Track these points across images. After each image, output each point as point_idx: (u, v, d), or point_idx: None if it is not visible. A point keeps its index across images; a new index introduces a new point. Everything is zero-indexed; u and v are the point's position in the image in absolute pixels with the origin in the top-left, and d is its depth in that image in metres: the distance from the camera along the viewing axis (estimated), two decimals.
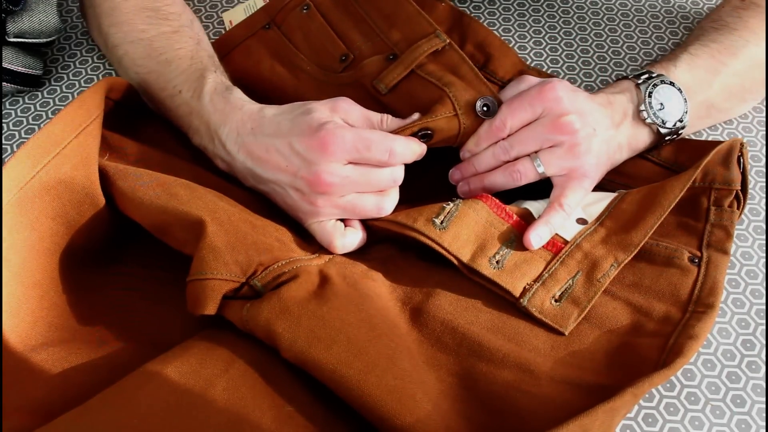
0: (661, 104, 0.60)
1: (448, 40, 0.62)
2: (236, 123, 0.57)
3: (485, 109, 0.59)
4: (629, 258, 0.55)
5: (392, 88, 0.62)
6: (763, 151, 0.67)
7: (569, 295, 0.53)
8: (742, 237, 0.61)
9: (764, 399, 0.52)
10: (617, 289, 0.55)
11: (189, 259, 0.51)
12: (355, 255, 0.57)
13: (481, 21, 0.78)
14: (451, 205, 0.56)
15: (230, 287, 0.50)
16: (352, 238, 0.57)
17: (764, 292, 0.58)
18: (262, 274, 0.51)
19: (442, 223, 0.54)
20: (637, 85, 0.61)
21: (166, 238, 0.53)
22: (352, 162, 0.54)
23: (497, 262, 0.54)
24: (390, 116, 0.57)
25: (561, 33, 0.77)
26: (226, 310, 0.50)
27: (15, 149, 0.68)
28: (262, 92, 0.63)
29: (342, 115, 0.55)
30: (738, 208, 0.59)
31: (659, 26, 0.78)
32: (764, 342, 0.55)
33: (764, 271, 0.59)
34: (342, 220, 0.57)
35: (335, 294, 0.51)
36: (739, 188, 0.59)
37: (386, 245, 0.58)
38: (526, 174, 0.58)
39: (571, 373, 0.50)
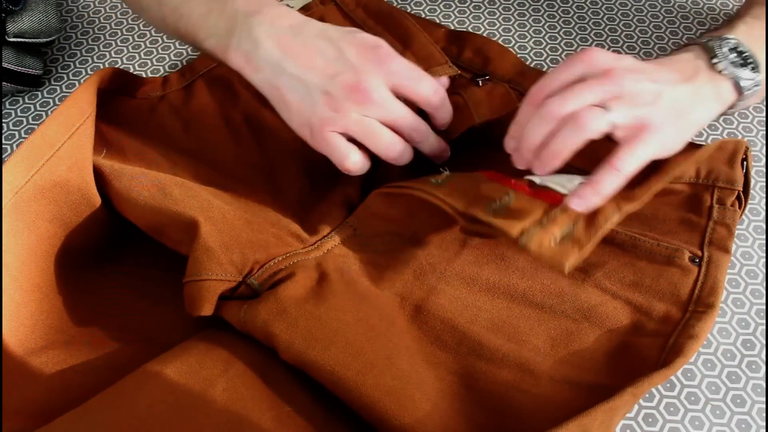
0: (737, 54, 0.55)
1: (459, 72, 0.65)
2: (272, 16, 0.54)
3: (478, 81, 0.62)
4: (633, 208, 0.52)
5: None
6: (763, 151, 0.67)
7: (569, 236, 0.50)
8: (742, 237, 0.61)
9: (764, 399, 0.52)
10: (617, 289, 0.55)
11: (186, 258, 0.51)
12: (354, 247, 0.57)
13: (481, 20, 0.78)
14: (448, 171, 0.56)
15: (226, 287, 0.49)
16: (363, 161, 0.54)
17: (764, 292, 0.58)
18: (259, 272, 0.51)
19: (438, 181, 0.54)
20: (703, 44, 0.56)
21: (162, 238, 0.53)
22: (394, 89, 0.53)
23: (494, 210, 0.52)
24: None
25: (561, 33, 0.77)
26: (224, 311, 0.50)
27: (15, 149, 0.68)
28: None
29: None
30: (739, 209, 0.59)
31: (659, 26, 0.78)
32: (764, 342, 0.55)
33: (764, 271, 0.59)
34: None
35: (333, 293, 0.51)
36: (741, 189, 0.59)
37: (387, 237, 0.58)
38: (594, 121, 0.48)
39: (571, 372, 0.50)
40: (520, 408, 0.48)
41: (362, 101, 0.51)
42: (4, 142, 0.69)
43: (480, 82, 0.60)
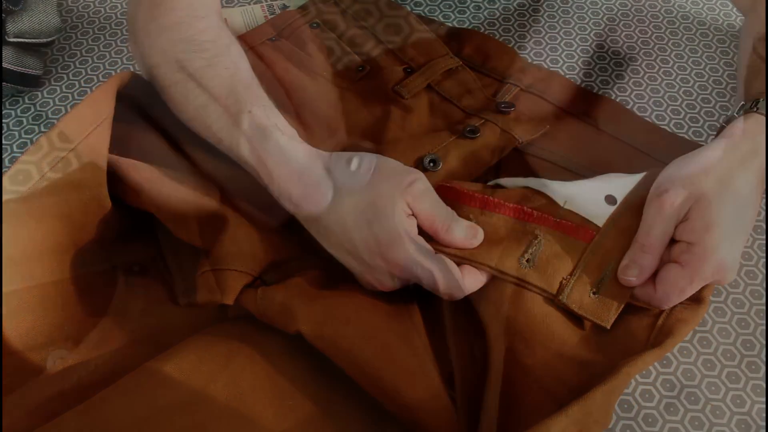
0: None
1: (460, 63, 0.69)
2: (284, 182, 0.53)
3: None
4: None
5: (413, 95, 0.67)
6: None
7: (606, 286, 0.52)
8: None
9: (764, 399, 0.52)
10: None
11: (189, 258, 0.51)
12: None
13: (480, 21, 0.79)
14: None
15: (246, 281, 0.50)
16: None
17: (764, 292, 0.58)
18: (275, 271, 0.52)
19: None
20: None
21: (178, 227, 0.53)
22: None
23: (527, 261, 0.52)
24: (454, 221, 0.53)
25: (561, 33, 0.77)
26: (240, 295, 0.51)
27: (15, 149, 0.68)
28: (278, 94, 0.61)
29: (413, 201, 0.51)
30: None
31: (659, 26, 0.78)
32: (764, 342, 0.55)
33: (764, 271, 0.59)
34: None
35: (348, 286, 0.53)
36: None
37: None
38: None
39: (563, 346, 0.51)
40: (517, 382, 0.48)
41: (376, 288, 0.53)
42: (4, 142, 0.69)
43: (506, 110, 0.65)
